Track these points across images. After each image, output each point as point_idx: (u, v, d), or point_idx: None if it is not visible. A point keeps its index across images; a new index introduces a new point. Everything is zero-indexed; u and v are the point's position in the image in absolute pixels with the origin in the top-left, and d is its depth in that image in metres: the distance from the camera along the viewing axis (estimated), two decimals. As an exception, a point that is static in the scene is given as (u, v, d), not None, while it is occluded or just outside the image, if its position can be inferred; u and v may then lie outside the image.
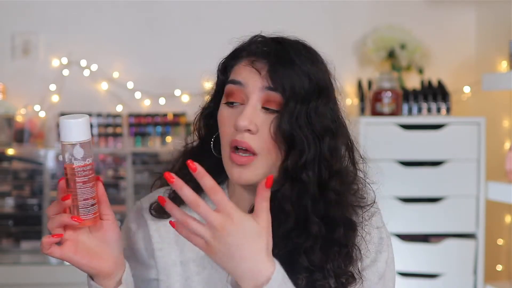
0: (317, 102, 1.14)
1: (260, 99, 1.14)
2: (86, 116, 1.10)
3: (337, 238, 1.15)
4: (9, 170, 3.38)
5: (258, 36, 1.20)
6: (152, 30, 3.55)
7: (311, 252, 1.12)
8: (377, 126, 3.08)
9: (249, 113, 1.13)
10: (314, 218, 1.13)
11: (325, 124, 1.15)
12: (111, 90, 3.54)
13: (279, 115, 1.13)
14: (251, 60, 1.16)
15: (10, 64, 3.49)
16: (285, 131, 1.13)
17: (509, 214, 3.24)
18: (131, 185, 3.42)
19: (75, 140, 1.08)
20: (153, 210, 1.28)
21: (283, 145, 1.14)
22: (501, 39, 3.24)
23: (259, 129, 1.14)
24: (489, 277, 3.20)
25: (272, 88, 1.13)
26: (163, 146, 3.51)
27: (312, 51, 1.20)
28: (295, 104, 1.13)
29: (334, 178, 1.16)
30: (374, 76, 3.33)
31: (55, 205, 1.10)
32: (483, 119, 3.06)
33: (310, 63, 1.16)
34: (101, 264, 1.13)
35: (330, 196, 1.15)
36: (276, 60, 1.14)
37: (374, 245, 1.21)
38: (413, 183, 3.07)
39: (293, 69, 1.14)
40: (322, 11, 3.58)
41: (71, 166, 1.09)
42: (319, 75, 1.16)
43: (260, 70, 1.14)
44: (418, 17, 3.59)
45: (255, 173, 1.16)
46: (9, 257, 3.26)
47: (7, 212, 3.36)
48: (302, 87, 1.13)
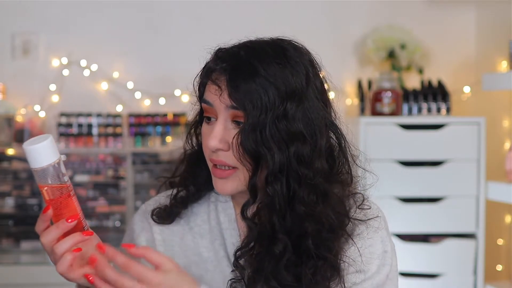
0: (285, 107, 1.11)
1: (228, 116, 1.14)
2: (50, 135, 1.10)
3: (310, 252, 1.12)
4: (9, 170, 3.38)
5: (219, 51, 1.17)
6: (152, 30, 3.56)
7: (276, 272, 1.11)
8: (377, 126, 3.08)
9: (217, 133, 1.14)
10: (279, 236, 1.11)
11: (295, 129, 1.12)
12: (111, 90, 3.54)
13: (240, 131, 1.12)
14: (214, 78, 1.15)
15: (10, 64, 3.49)
16: (246, 147, 1.11)
17: (509, 214, 3.24)
18: (131, 185, 3.42)
19: (57, 158, 1.08)
20: (155, 216, 1.28)
21: (249, 161, 1.13)
22: (501, 39, 3.24)
23: (230, 145, 1.14)
24: (489, 277, 3.20)
25: (233, 107, 1.12)
26: (163, 146, 3.51)
27: (282, 52, 1.15)
28: (258, 116, 1.10)
29: (303, 188, 1.12)
30: (374, 76, 3.33)
31: (56, 231, 1.09)
32: (483, 119, 3.06)
33: (277, 67, 1.12)
34: None
35: (298, 209, 1.12)
36: (234, 74, 1.12)
37: (378, 259, 1.19)
38: (413, 183, 3.07)
39: (254, 80, 1.11)
40: (322, 11, 3.58)
41: (65, 185, 1.09)
42: (288, 78, 1.12)
43: (222, 88, 1.13)
44: (418, 17, 3.59)
45: (237, 184, 1.16)
46: (9, 257, 3.27)
47: (7, 212, 3.36)
48: (265, 96, 1.10)
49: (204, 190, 1.27)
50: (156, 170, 3.44)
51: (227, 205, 1.25)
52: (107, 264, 1.05)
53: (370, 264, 1.17)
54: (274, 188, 1.12)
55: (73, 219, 1.09)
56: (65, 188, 1.09)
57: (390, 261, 1.20)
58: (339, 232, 1.15)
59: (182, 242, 1.25)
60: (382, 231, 1.21)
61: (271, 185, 1.12)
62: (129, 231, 1.32)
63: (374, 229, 1.20)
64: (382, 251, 1.19)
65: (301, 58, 1.16)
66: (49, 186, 1.08)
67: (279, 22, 3.47)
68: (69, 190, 1.10)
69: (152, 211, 1.29)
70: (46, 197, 1.09)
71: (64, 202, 1.09)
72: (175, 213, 1.27)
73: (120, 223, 3.40)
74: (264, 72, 1.11)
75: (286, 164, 1.12)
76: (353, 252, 1.17)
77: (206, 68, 1.17)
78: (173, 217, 1.27)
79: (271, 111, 1.11)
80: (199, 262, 1.24)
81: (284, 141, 1.11)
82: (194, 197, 1.27)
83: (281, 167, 1.11)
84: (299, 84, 1.13)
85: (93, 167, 3.43)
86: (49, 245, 1.09)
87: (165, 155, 3.47)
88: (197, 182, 1.26)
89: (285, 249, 1.11)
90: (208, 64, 1.17)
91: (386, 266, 1.19)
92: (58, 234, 1.09)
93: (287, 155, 1.11)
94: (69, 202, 1.10)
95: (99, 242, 1.08)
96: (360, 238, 1.18)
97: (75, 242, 1.09)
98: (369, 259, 1.18)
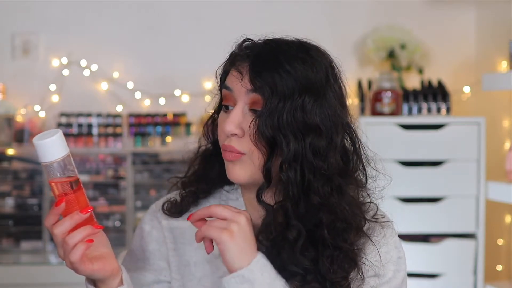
0: (303, 99, 1.14)
1: (246, 102, 1.16)
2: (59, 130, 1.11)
3: (326, 241, 1.15)
4: (9, 170, 3.38)
5: (246, 40, 1.21)
6: (152, 30, 3.56)
7: (293, 257, 1.14)
8: (377, 126, 3.08)
9: (235, 117, 1.16)
10: (293, 222, 1.14)
11: (311, 122, 1.14)
12: (111, 90, 3.54)
13: (258, 116, 1.15)
14: (237, 65, 1.18)
15: (10, 64, 3.49)
16: (263, 132, 1.14)
17: (509, 214, 3.24)
18: (131, 185, 3.42)
19: (66, 153, 1.09)
20: (166, 210, 1.29)
21: (264, 146, 1.15)
22: (501, 39, 3.24)
23: (245, 131, 1.16)
24: (489, 277, 3.20)
25: (254, 90, 1.15)
26: (163, 146, 3.51)
27: (305, 50, 1.19)
28: (277, 103, 1.13)
29: (318, 179, 1.15)
30: (374, 76, 3.34)
31: (70, 222, 1.10)
32: (483, 119, 3.06)
33: (299, 62, 1.16)
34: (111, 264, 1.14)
35: (313, 199, 1.14)
36: (258, 61, 1.16)
37: (393, 265, 1.23)
38: (413, 183, 3.07)
39: (275, 68, 1.14)
40: (322, 11, 3.58)
41: (74, 179, 1.10)
42: (308, 73, 1.15)
43: (243, 74, 1.16)
44: (418, 17, 3.60)
45: (244, 170, 1.18)
46: (9, 257, 3.27)
47: (7, 212, 3.36)
48: (284, 85, 1.13)
49: (215, 187, 1.29)
50: (156, 170, 3.44)
51: (238, 203, 1.27)
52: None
53: (386, 270, 1.21)
54: (288, 175, 1.14)
55: (85, 211, 1.10)
56: (74, 182, 1.10)
57: (404, 266, 1.25)
58: (353, 224, 1.18)
59: (193, 240, 1.25)
60: (395, 237, 1.26)
61: (286, 172, 1.14)
62: (138, 230, 1.32)
63: (389, 235, 1.24)
64: (397, 257, 1.24)
65: (322, 59, 1.19)
66: (59, 181, 1.09)
67: (279, 22, 3.47)
68: (78, 183, 1.11)
69: (162, 205, 1.30)
70: (56, 192, 1.10)
71: (74, 196, 1.10)
72: (185, 206, 1.28)
73: (120, 223, 3.40)
74: (286, 64, 1.15)
75: (301, 153, 1.14)
76: (371, 256, 1.20)
77: (231, 55, 1.21)
78: (183, 210, 1.28)
79: (289, 101, 1.13)
80: (210, 259, 1.25)
81: (300, 131, 1.14)
82: (204, 193, 1.29)
83: (295, 156, 1.14)
84: (318, 81, 1.16)
85: (93, 167, 3.43)
86: (61, 236, 1.10)
87: (165, 155, 3.47)
88: (209, 178, 1.28)
89: (299, 235, 1.14)
90: (234, 50, 1.21)
91: (401, 271, 1.24)
92: (72, 225, 1.10)
93: (302, 145, 1.14)
94: (79, 195, 1.11)
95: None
96: (376, 243, 1.22)
97: (87, 234, 1.10)
98: (386, 264, 1.22)
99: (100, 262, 1.12)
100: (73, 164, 1.10)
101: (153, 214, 1.32)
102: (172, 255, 1.27)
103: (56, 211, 1.10)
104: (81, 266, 1.10)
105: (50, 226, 1.11)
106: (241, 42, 1.21)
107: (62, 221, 1.10)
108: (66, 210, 1.10)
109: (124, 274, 1.17)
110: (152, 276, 1.28)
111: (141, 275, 1.28)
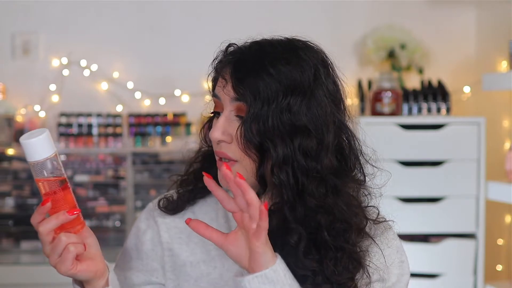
0: (289, 101, 1.12)
1: (233, 109, 1.16)
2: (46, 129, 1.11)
3: (328, 243, 1.13)
4: (9, 170, 3.38)
5: (230, 45, 1.19)
6: (152, 30, 3.56)
7: (297, 260, 1.12)
8: (377, 126, 3.08)
9: (221, 124, 1.15)
10: (293, 226, 1.13)
11: (299, 123, 1.12)
12: (111, 90, 3.54)
13: (242, 122, 1.13)
14: (222, 72, 1.17)
15: (10, 64, 3.49)
16: (249, 138, 1.13)
17: (509, 214, 3.24)
18: (131, 185, 3.42)
19: (53, 152, 1.09)
20: (162, 206, 1.28)
21: (254, 152, 1.14)
22: (501, 39, 3.24)
23: (233, 138, 1.15)
24: (489, 277, 3.20)
25: (237, 98, 1.14)
26: (163, 146, 3.51)
27: (292, 49, 1.16)
28: (261, 107, 1.11)
29: (311, 181, 1.13)
30: (374, 76, 3.33)
31: (55, 221, 1.10)
32: (483, 119, 3.06)
33: (283, 62, 1.13)
34: (96, 265, 1.14)
35: (309, 202, 1.13)
36: (240, 66, 1.14)
37: (397, 268, 1.23)
38: (413, 183, 3.07)
39: (257, 72, 1.12)
40: (322, 11, 3.58)
41: (61, 178, 1.10)
42: (293, 74, 1.13)
43: (227, 80, 1.15)
44: (418, 17, 3.59)
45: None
46: (9, 257, 3.27)
47: (7, 212, 3.36)
48: (267, 89, 1.11)
49: None
50: (156, 170, 3.44)
51: None
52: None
53: (390, 273, 1.21)
54: (280, 179, 1.12)
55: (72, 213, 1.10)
56: (61, 181, 1.11)
57: (407, 270, 1.24)
58: (353, 224, 1.16)
59: (189, 240, 1.25)
60: (397, 241, 1.25)
61: (277, 175, 1.12)
62: (134, 228, 1.31)
63: (390, 238, 1.24)
64: (399, 261, 1.23)
65: (310, 57, 1.17)
66: (46, 180, 1.10)
67: (279, 21, 3.47)
68: (65, 183, 1.11)
69: (158, 201, 1.29)
70: (43, 191, 1.11)
71: (61, 195, 1.11)
72: (181, 204, 1.27)
73: (120, 223, 3.40)
74: (269, 67, 1.13)
75: (291, 156, 1.12)
76: (375, 259, 1.20)
77: (215, 62, 1.20)
78: (178, 208, 1.27)
79: (273, 104, 1.12)
80: (206, 259, 1.25)
81: (287, 134, 1.12)
82: (201, 192, 1.28)
83: (285, 159, 1.12)
84: (305, 80, 1.14)
85: (93, 167, 3.43)
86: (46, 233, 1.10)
87: (165, 155, 3.47)
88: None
89: (299, 238, 1.13)
90: (218, 58, 1.20)
91: (405, 275, 1.24)
92: (57, 224, 1.10)
93: (291, 147, 1.12)
94: (66, 195, 1.11)
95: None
96: (379, 244, 1.21)
97: (60, 222, 1.10)
98: (390, 267, 1.21)
99: (84, 263, 1.12)
100: (60, 164, 1.11)
101: (149, 213, 1.30)
102: (168, 255, 1.26)
103: (42, 210, 1.10)
104: (62, 267, 1.10)
105: (36, 224, 1.11)
106: (226, 47, 1.19)
107: (48, 219, 1.10)
108: (53, 209, 1.11)
109: (110, 275, 1.17)
110: (144, 276, 1.27)
111: (133, 275, 1.27)
